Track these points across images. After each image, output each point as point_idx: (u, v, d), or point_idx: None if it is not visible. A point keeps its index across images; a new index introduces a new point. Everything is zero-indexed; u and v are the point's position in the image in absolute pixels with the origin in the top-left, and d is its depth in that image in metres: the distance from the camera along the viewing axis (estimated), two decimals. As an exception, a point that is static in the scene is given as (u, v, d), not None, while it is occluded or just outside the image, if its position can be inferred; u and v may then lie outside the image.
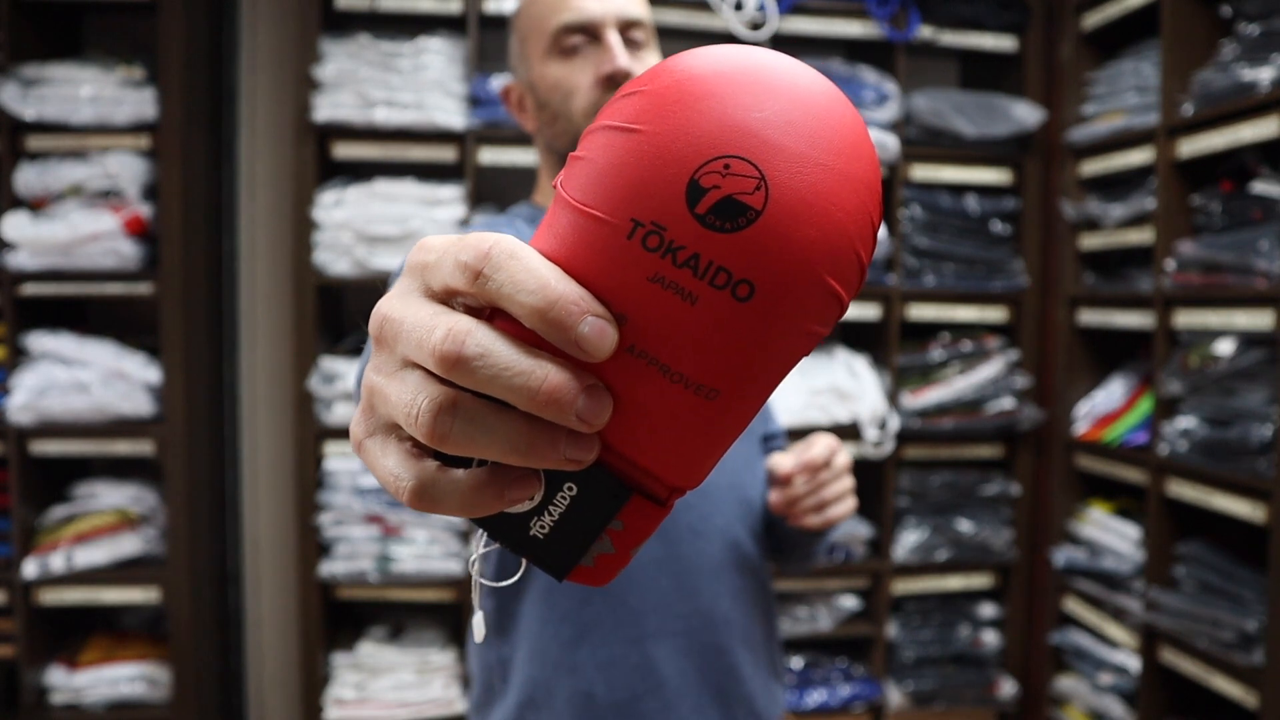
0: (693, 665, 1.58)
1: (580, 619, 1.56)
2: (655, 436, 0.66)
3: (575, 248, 0.64)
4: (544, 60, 1.65)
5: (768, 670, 1.69)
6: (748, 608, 1.65)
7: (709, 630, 1.59)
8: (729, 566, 1.62)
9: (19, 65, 3.53)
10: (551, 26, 1.62)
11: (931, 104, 4.00)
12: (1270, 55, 3.11)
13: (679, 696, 1.56)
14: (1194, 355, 3.31)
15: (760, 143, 0.62)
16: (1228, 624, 3.14)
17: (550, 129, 1.68)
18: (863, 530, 4.02)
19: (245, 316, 4.16)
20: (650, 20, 1.71)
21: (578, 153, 0.66)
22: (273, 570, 4.27)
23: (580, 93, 1.62)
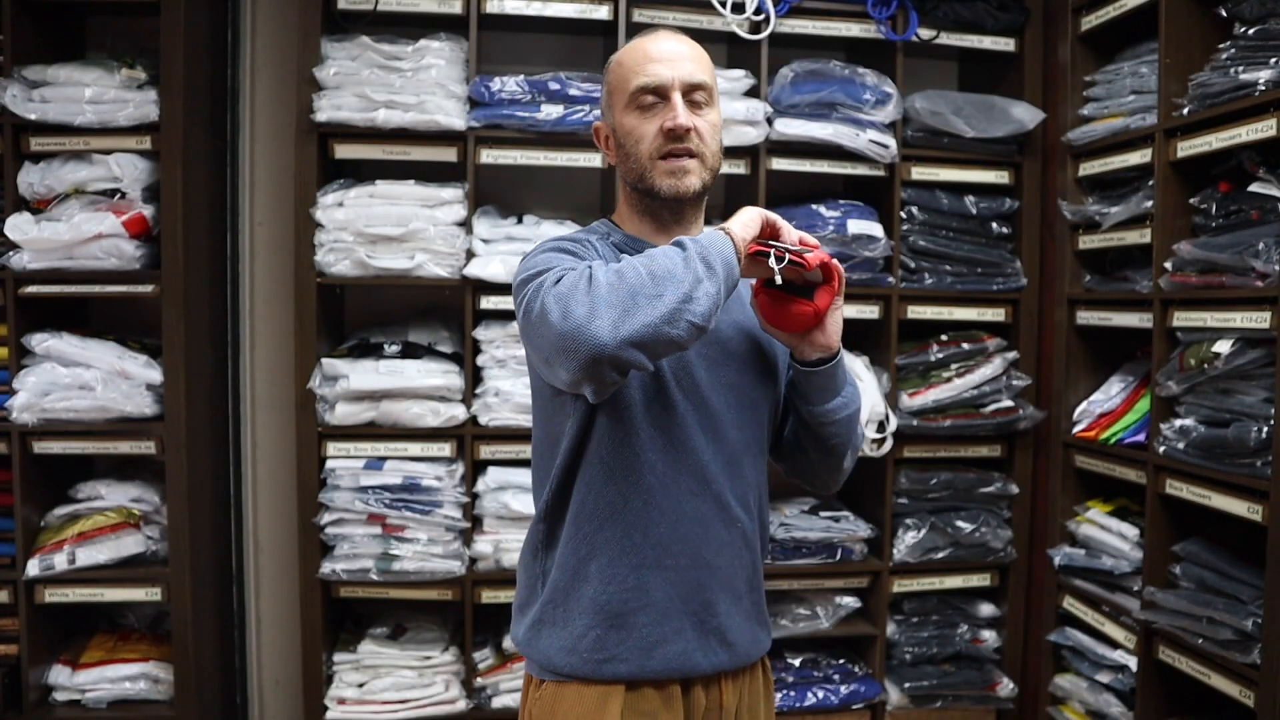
0: (677, 594, 1.99)
1: (594, 541, 1.99)
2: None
3: None
4: (624, 112, 2.04)
5: (745, 612, 2.08)
6: (729, 558, 2.04)
7: (694, 570, 2.00)
8: (717, 522, 2.02)
9: (22, 67, 3.54)
10: (631, 86, 2.01)
11: (930, 105, 4.01)
12: (1268, 56, 3.12)
13: (664, 616, 1.98)
14: (1192, 355, 3.32)
15: None
16: (1225, 623, 3.14)
17: (624, 165, 2.06)
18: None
19: (247, 316, 4.18)
20: (714, 83, 2.07)
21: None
22: (274, 569, 4.29)
23: (647, 140, 2.00)
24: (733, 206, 4.22)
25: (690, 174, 2.00)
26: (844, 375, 2.04)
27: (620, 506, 1.98)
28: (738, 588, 2.06)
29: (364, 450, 3.79)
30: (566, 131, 3.79)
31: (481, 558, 3.84)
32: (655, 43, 2.07)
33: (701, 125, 2.00)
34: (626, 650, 1.96)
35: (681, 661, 1.99)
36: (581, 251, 1.98)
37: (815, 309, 1.93)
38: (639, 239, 2.08)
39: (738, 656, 2.06)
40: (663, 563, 1.98)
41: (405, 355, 3.81)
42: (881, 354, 4.13)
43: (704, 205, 2.12)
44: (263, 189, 4.18)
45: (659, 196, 2.02)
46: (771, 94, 3.94)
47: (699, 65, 2.05)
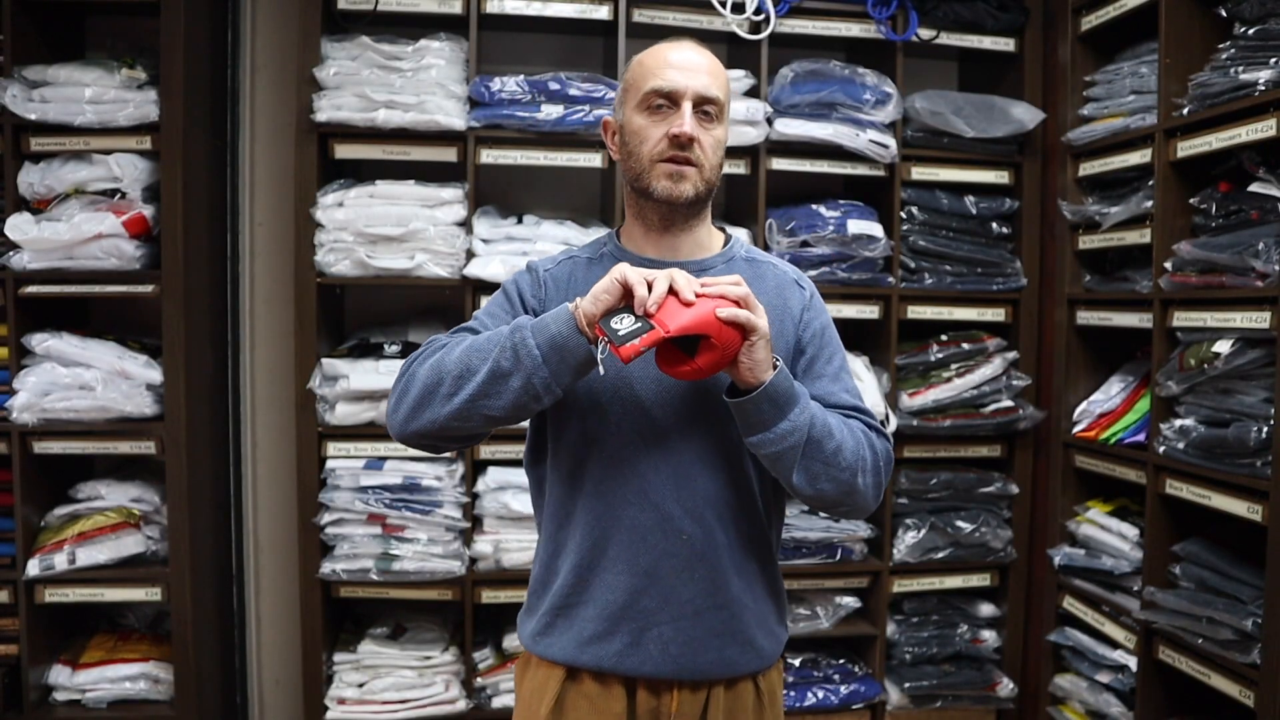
0: (616, 599, 2.07)
1: (557, 540, 2.15)
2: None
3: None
4: (635, 110, 2.08)
5: (705, 627, 2.08)
6: (672, 570, 2.07)
7: (632, 577, 2.06)
8: (657, 533, 2.06)
9: (22, 67, 3.54)
10: (646, 86, 2.06)
11: (930, 105, 4.01)
12: (1268, 57, 3.12)
13: (602, 616, 2.08)
14: (1192, 355, 3.32)
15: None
16: (1225, 623, 3.15)
17: (625, 162, 2.12)
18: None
19: (247, 316, 4.18)
20: (726, 101, 2.11)
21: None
22: (274, 569, 4.29)
23: (651, 142, 2.04)
24: (734, 206, 4.25)
25: (686, 181, 2.03)
26: (774, 412, 1.90)
27: (571, 511, 2.11)
28: (687, 600, 2.07)
29: (364, 450, 3.80)
30: (566, 131, 3.79)
31: (481, 558, 3.84)
32: (677, 50, 2.10)
33: (705, 139, 2.04)
34: (565, 641, 2.11)
35: (615, 662, 2.08)
36: (486, 321, 2.08)
37: (695, 367, 1.84)
38: (631, 252, 2.15)
39: (686, 670, 2.09)
40: (603, 567, 2.08)
41: (405, 355, 3.80)
42: (881, 354, 4.13)
43: (703, 215, 2.16)
44: (263, 189, 4.18)
45: (652, 197, 2.06)
46: (771, 94, 3.94)
47: (715, 81, 2.08)
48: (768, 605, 2.18)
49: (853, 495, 2.02)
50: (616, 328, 1.78)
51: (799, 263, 3.92)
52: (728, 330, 1.81)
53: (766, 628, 2.17)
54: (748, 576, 2.13)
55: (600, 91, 3.78)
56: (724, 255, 2.18)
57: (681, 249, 2.15)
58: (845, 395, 2.13)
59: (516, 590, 3.87)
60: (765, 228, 3.96)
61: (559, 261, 2.21)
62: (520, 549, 3.82)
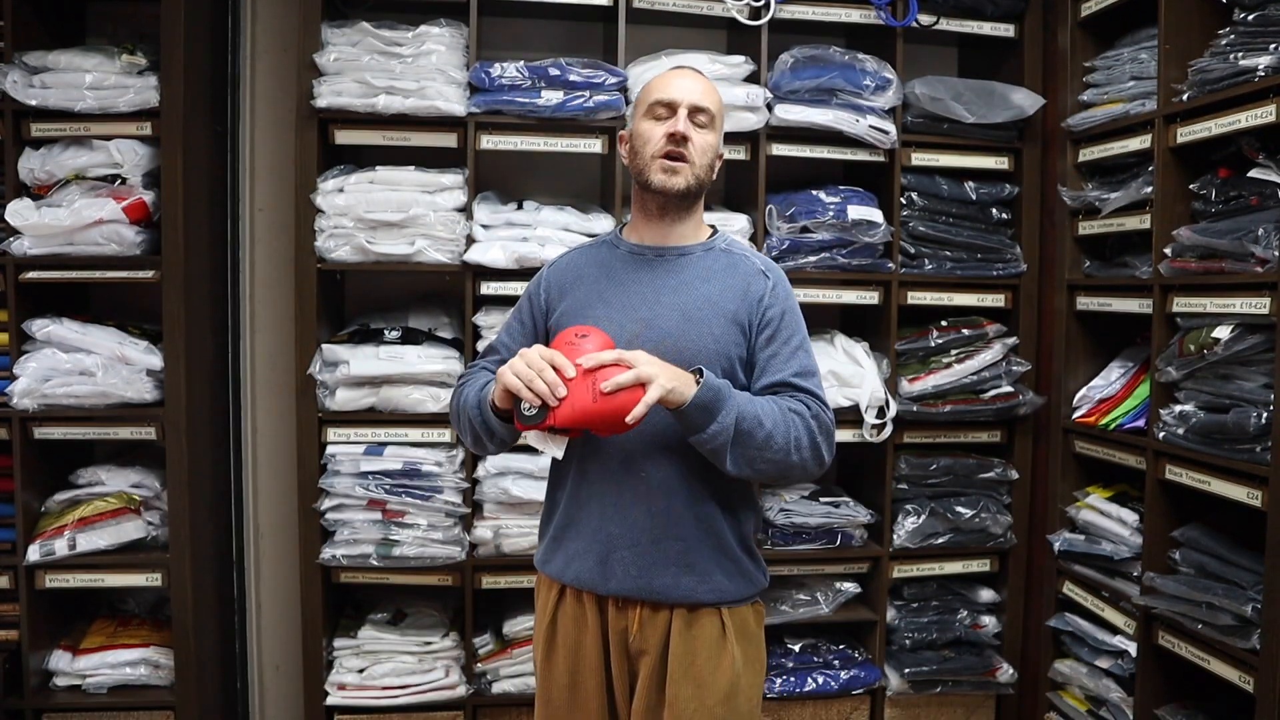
0: (594, 526, 2.50)
1: (557, 478, 2.63)
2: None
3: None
4: (641, 119, 2.53)
5: (663, 554, 2.46)
6: (633, 500, 2.46)
7: (604, 506, 2.49)
8: (623, 469, 2.47)
9: (23, 52, 3.54)
10: (650, 99, 2.52)
11: (930, 91, 4.01)
12: (1267, 42, 3.12)
13: (583, 540, 2.51)
14: (1191, 341, 3.32)
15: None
16: (1225, 608, 3.15)
17: (633, 162, 2.55)
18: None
19: (247, 302, 4.18)
20: (719, 111, 2.56)
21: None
22: (274, 555, 4.29)
23: (653, 142, 2.47)
24: (734, 192, 4.26)
25: (679, 175, 2.47)
26: (704, 417, 2.29)
27: (573, 451, 2.51)
28: (645, 529, 2.46)
29: (364, 436, 3.80)
30: (566, 117, 3.78)
31: (481, 543, 3.85)
32: (679, 75, 2.57)
33: (697, 139, 2.48)
34: (558, 560, 2.58)
35: (587, 579, 2.51)
36: (505, 340, 2.67)
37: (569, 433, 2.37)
38: (628, 240, 2.64)
39: (644, 590, 2.47)
40: (583, 498, 2.52)
41: (405, 341, 3.81)
42: (881, 340, 4.14)
43: (693, 209, 2.59)
44: (263, 175, 4.18)
45: (650, 188, 2.49)
46: (771, 80, 3.93)
47: (707, 96, 2.53)
48: (729, 547, 2.53)
49: (788, 471, 2.41)
50: (524, 411, 2.25)
51: (799, 248, 3.95)
52: (605, 411, 2.21)
53: (728, 567, 2.52)
54: (704, 518, 2.49)
55: (600, 77, 3.78)
56: (705, 245, 2.60)
57: (671, 237, 2.58)
58: (796, 375, 2.48)
59: (517, 575, 3.88)
60: (765, 213, 3.95)
61: (566, 256, 2.73)
62: (520, 534, 3.83)
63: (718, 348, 2.46)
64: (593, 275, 2.59)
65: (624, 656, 2.52)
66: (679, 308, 2.46)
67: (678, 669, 2.46)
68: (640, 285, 2.52)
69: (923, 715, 4.26)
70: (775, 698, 4.04)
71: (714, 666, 2.48)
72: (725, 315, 2.47)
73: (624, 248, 2.61)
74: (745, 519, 2.58)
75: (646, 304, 2.49)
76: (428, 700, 3.87)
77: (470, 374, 2.63)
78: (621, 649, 2.51)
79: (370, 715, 3.87)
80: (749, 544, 2.58)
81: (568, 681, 2.55)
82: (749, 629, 2.57)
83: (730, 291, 2.49)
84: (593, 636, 2.53)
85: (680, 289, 2.50)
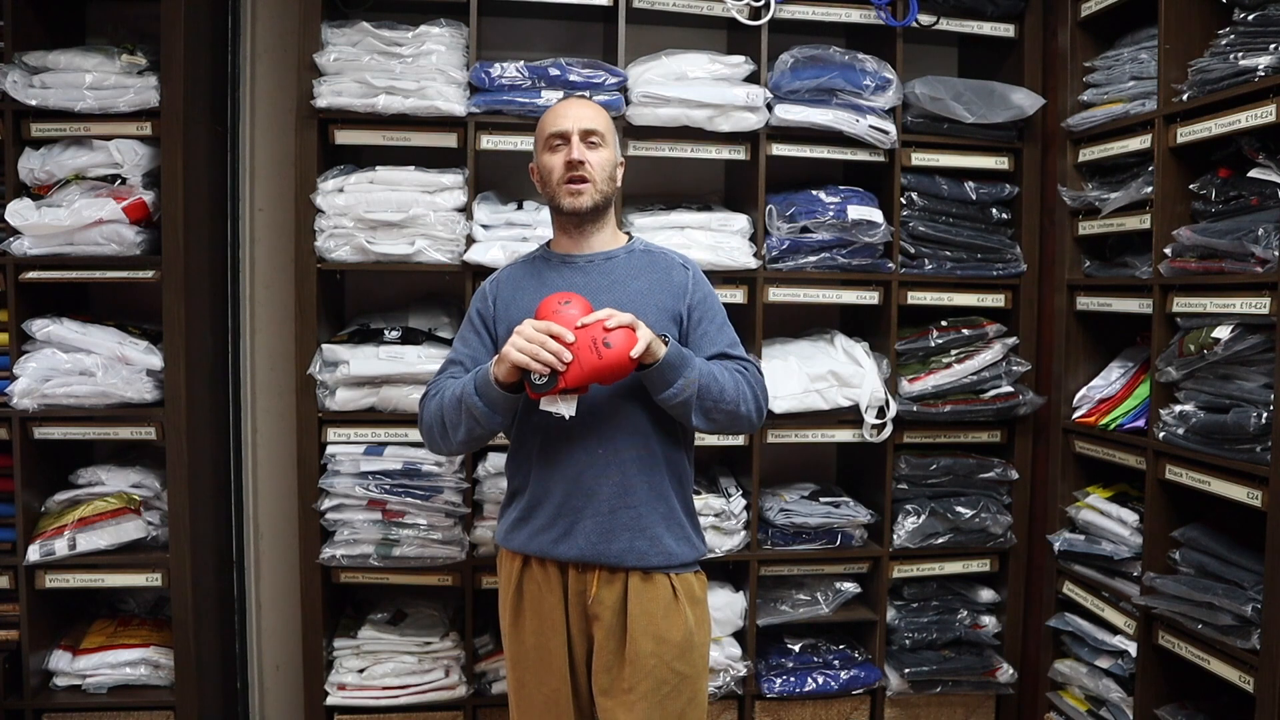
0: (559, 499, 2.75)
1: (518, 457, 2.87)
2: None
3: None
4: (543, 153, 2.84)
5: (621, 522, 2.74)
6: (595, 473, 2.73)
7: (566, 481, 2.75)
8: (585, 439, 2.73)
9: (23, 53, 3.54)
10: (545, 133, 2.82)
11: (930, 91, 4.00)
12: (1267, 42, 3.12)
13: (548, 513, 2.77)
14: (1191, 341, 3.32)
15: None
16: (1225, 608, 3.15)
17: (544, 190, 2.87)
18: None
19: (247, 302, 4.18)
20: (607, 128, 2.85)
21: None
22: (274, 555, 4.30)
23: (556, 170, 2.78)
24: (734, 192, 4.26)
25: (583, 195, 2.78)
26: (671, 374, 2.60)
27: (528, 444, 2.82)
28: (603, 499, 2.74)
29: (364, 436, 3.80)
30: (566, 117, 3.78)
31: (482, 543, 3.85)
32: (564, 105, 2.90)
33: (594, 158, 2.78)
34: (522, 533, 2.82)
35: (551, 548, 2.77)
36: (460, 348, 2.92)
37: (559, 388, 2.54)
38: (558, 252, 2.93)
39: (602, 555, 2.74)
40: (546, 476, 2.78)
41: (405, 341, 3.81)
42: (881, 340, 4.14)
43: (606, 220, 2.90)
44: (263, 175, 4.19)
45: (562, 211, 2.82)
46: (771, 80, 3.93)
47: (595, 119, 2.83)
48: (676, 514, 2.83)
49: (737, 420, 2.75)
50: (535, 381, 2.50)
51: (799, 248, 3.95)
52: (610, 363, 2.47)
53: (675, 532, 2.81)
54: (655, 486, 2.78)
55: (600, 77, 3.78)
56: (627, 248, 2.91)
57: (594, 245, 2.89)
58: (727, 345, 2.84)
59: (517, 576, 3.88)
60: (765, 213, 3.95)
61: (507, 268, 3.00)
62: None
63: (678, 334, 2.82)
64: (532, 285, 2.86)
65: (582, 617, 2.80)
66: (614, 303, 2.65)
67: (637, 626, 2.74)
68: (575, 288, 2.75)
69: (923, 715, 4.26)
70: (775, 698, 4.04)
71: (670, 624, 2.77)
72: (657, 307, 2.79)
73: (555, 258, 2.91)
74: (687, 486, 2.91)
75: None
76: (428, 700, 3.87)
77: (437, 386, 2.84)
78: (580, 610, 2.80)
79: (370, 715, 3.87)
80: (691, 510, 2.91)
81: (535, 642, 2.82)
82: (695, 594, 2.86)
83: (657, 285, 2.83)
84: (555, 598, 2.80)
85: (613, 287, 2.80)
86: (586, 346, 2.47)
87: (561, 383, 2.48)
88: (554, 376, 2.48)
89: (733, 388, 2.70)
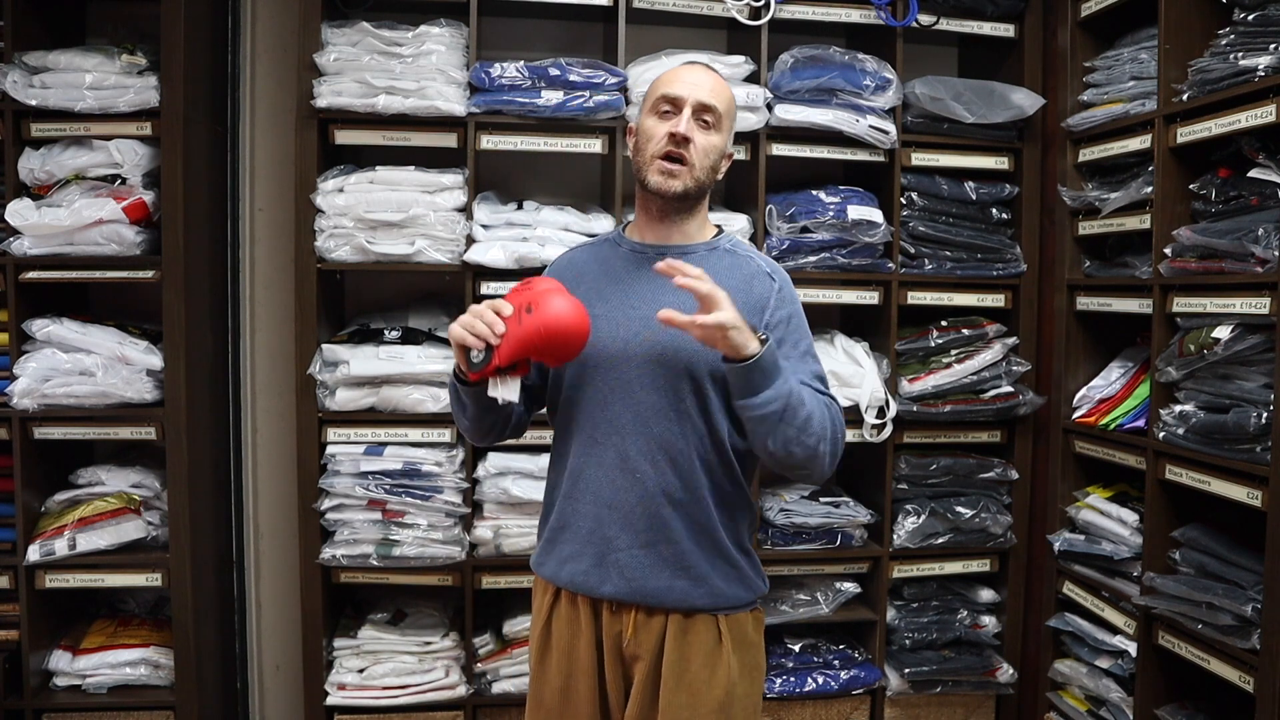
0: (588, 526, 2.45)
1: (552, 479, 2.59)
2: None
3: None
4: (647, 114, 2.46)
5: (658, 557, 2.41)
6: (630, 504, 2.41)
7: (597, 507, 2.44)
8: (616, 469, 2.41)
9: (23, 53, 3.54)
10: (657, 93, 2.45)
11: (930, 91, 4.00)
12: (1267, 42, 3.12)
13: (576, 541, 2.46)
14: (1191, 341, 3.32)
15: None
16: (1225, 608, 3.15)
17: (635, 158, 2.48)
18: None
19: (247, 302, 4.18)
20: (726, 110, 2.47)
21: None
22: (274, 555, 4.30)
23: (654, 140, 2.41)
24: (734, 192, 4.26)
25: (677, 179, 2.40)
26: (762, 379, 2.21)
27: (563, 451, 2.53)
28: (641, 531, 2.41)
29: (364, 436, 3.80)
30: (566, 117, 3.78)
31: (481, 543, 3.85)
32: (688, 69, 2.49)
33: (700, 141, 2.41)
34: (552, 562, 2.53)
35: (582, 580, 2.46)
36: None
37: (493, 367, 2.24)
38: (631, 240, 2.58)
39: (638, 593, 2.42)
40: (577, 497, 2.46)
41: (405, 341, 3.81)
42: (881, 340, 4.14)
43: (695, 210, 2.53)
44: (263, 175, 4.19)
45: (647, 189, 2.44)
46: (771, 80, 3.93)
47: (715, 94, 2.44)
48: (725, 550, 2.47)
49: (814, 460, 2.32)
50: (473, 359, 2.24)
51: (799, 248, 3.94)
52: (534, 329, 2.15)
53: (725, 571, 2.47)
54: (700, 521, 2.44)
55: (600, 77, 3.78)
56: (709, 245, 2.54)
57: (673, 237, 2.52)
58: (809, 377, 2.41)
59: (516, 575, 3.88)
60: (765, 213, 3.95)
61: (567, 254, 2.71)
62: (520, 534, 3.83)
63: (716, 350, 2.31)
64: (593, 273, 2.53)
65: (618, 661, 2.47)
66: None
67: (671, 677, 2.41)
68: (640, 284, 2.45)
69: (923, 715, 4.26)
70: (775, 698, 4.04)
71: (708, 675, 2.43)
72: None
73: (626, 246, 2.55)
74: (741, 521, 2.52)
75: (646, 303, 2.40)
76: (428, 700, 3.87)
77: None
78: (616, 653, 2.47)
79: (370, 715, 3.87)
80: (745, 546, 2.52)
81: (560, 685, 2.50)
82: (747, 636, 2.51)
83: (734, 294, 2.26)
84: (586, 640, 2.47)
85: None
86: (517, 319, 2.18)
87: (495, 359, 2.18)
88: (489, 352, 2.19)
89: (819, 422, 2.30)
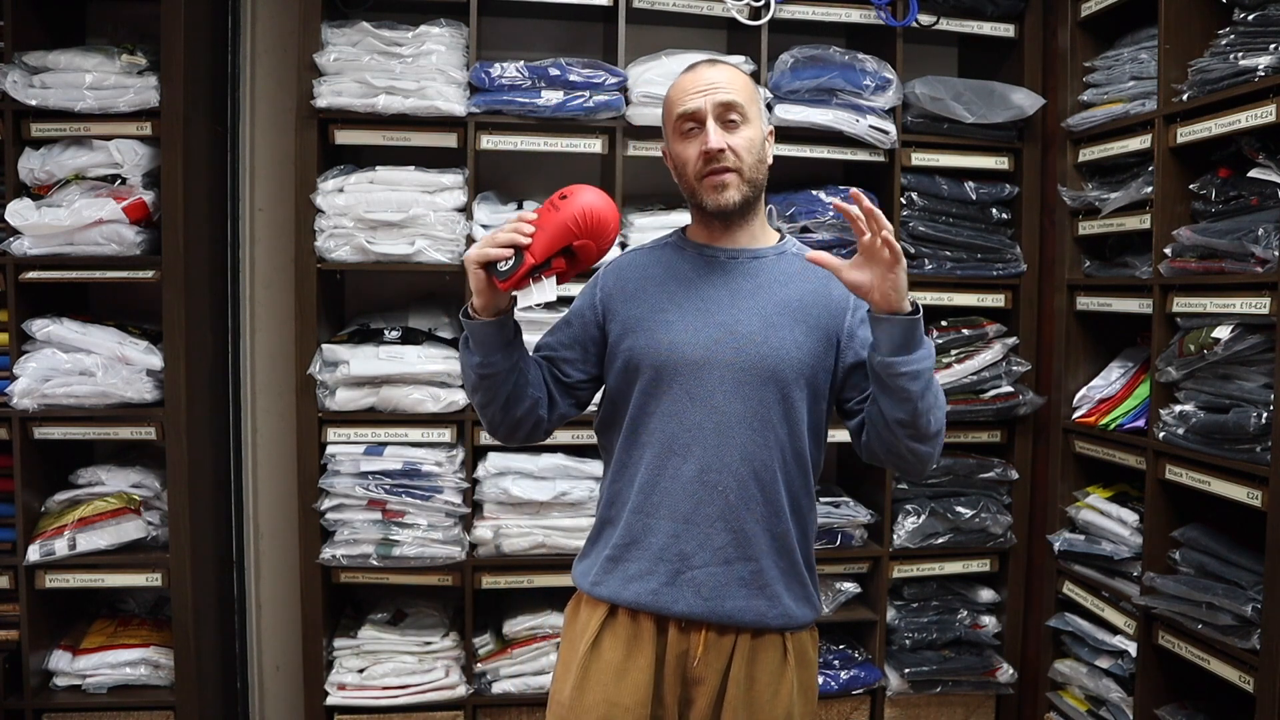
0: (661, 542, 2.29)
1: (613, 491, 2.40)
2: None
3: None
4: (673, 139, 2.34)
5: (734, 575, 2.29)
6: (709, 519, 2.28)
7: (673, 522, 2.29)
8: (696, 484, 2.27)
9: (23, 53, 3.54)
10: (674, 115, 2.31)
11: (930, 91, 4.00)
12: (1267, 42, 3.12)
13: (647, 558, 2.31)
14: (1191, 341, 3.32)
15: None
16: (1225, 608, 3.15)
17: (681, 184, 2.37)
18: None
19: (247, 302, 4.18)
20: (748, 97, 2.30)
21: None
22: (274, 555, 4.30)
23: (691, 162, 2.29)
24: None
25: (729, 189, 2.27)
26: (920, 336, 2.16)
27: (630, 463, 2.36)
28: (719, 548, 2.29)
29: (364, 436, 3.80)
30: (566, 117, 3.78)
31: (481, 543, 3.85)
32: (693, 74, 2.33)
33: (736, 142, 2.26)
34: (612, 580, 2.34)
35: (651, 599, 2.30)
36: (546, 338, 2.50)
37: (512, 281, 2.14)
38: (695, 242, 2.43)
39: (714, 613, 2.29)
40: (649, 512, 2.31)
41: (405, 341, 3.81)
42: (881, 340, 4.13)
43: (755, 212, 2.39)
44: (263, 175, 4.19)
45: (706, 210, 2.32)
46: (771, 80, 3.94)
47: (731, 87, 2.29)
48: (798, 569, 2.37)
49: (938, 438, 2.27)
50: (501, 268, 2.11)
51: (799, 248, 3.93)
52: (582, 222, 2.14)
53: (795, 590, 2.36)
54: (779, 536, 2.32)
55: (600, 77, 3.78)
56: (778, 249, 2.41)
57: (740, 240, 2.39)
58: None
59: (517, 575, 3.89)
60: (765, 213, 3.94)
61: (625, 256, 2.54)
62: (520, 534, 3.83)
63: (801, 355, 2.28)
64: (659, 277, 2.40)
65: (679, 682, 2.34)
66: (759, 312, 2.27)
67: (735, 695, 2.31)
68: (714, 288, 2.33)
69: (923, 715, 4.26)
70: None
71: (772, 694, 2.34)
72: (809, 323, 2.31)
73: (691, 249, 2.41)
74: (810, 536, 2.44)
75: (723, 308, 2.30)
76: (428, 700, 3.87)
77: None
78: (678, 674, 2.34)
79: (370, 715, 3.86)
80: (812, 564, 2.43)
81: (604, 714, 2.31)
82: (807, 656, 2.43)
83: (811, 298, 2.31)
84: (645, 661, 2.32)
85: (758, 293, 2.31)
86: (544, 211, 2.15)
87: (528, 258, 2.10)
88: (520, 255, 2.11)
89: (942, 400, 2.25)
